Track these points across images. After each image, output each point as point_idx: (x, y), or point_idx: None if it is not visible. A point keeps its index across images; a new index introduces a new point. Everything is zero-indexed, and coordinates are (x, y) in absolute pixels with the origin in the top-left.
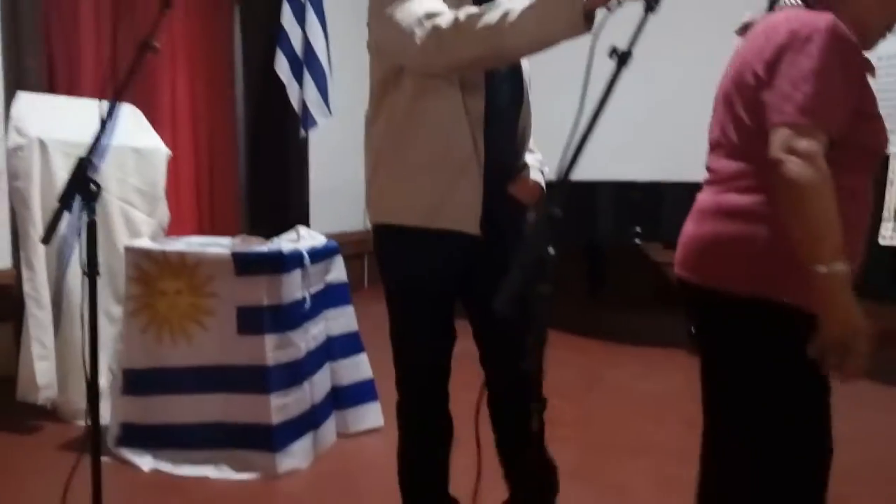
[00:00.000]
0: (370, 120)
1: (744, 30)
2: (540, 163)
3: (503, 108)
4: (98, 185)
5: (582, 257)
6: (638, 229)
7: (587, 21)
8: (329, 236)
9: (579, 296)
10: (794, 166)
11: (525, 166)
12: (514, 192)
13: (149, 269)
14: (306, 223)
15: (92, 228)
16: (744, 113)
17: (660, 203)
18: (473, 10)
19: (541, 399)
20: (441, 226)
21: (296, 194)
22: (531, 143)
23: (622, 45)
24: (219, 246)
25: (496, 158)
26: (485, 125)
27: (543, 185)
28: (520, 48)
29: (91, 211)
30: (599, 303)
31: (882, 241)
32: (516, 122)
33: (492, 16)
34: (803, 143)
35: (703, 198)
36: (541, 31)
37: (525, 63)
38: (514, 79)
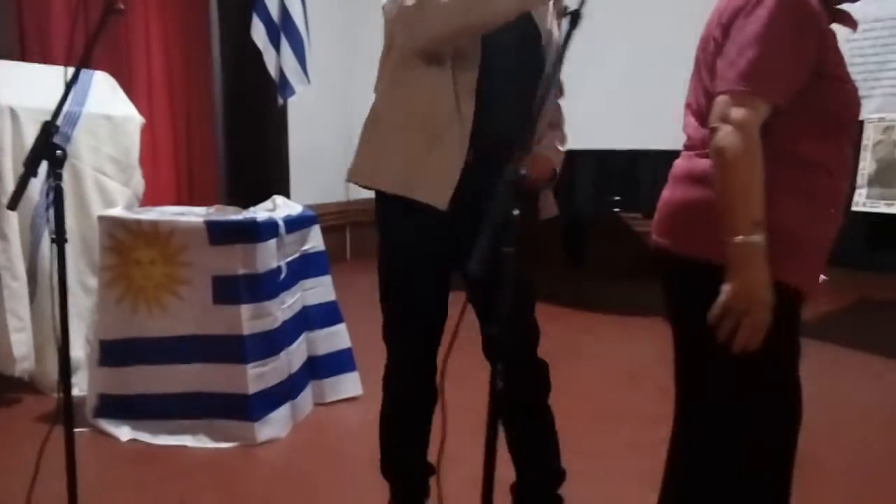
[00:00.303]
0: (375, 85)
1: None
2: (561, 140)
3: (508, 80)
4: (64, 151)
5: (561, 227)
6: (617, 198)
7: None
8: (310, 207)
9: (559, 265)
10: (722, 135)
11: (537, 144)
12: (526, 171)
13: (123, 238)
14: (286, 193)
15: (59, 194)
16: (707, 77)
17: (638, 172)
18: None
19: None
20: (410, 195)
21: (275, 164)
22: (559, 119)
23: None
24: (193, 215)
25: (493, 132)
26: (481, 97)
27: (557, 165)
28: (494, 16)
29: (57, 177)
30: (579, 272)
31: (855, 208)
32: (526, 95)
33: None
34: (737, 112)
35: (678, 163)
36: (494, 6)
37: (554, 31)
38: (528, 50)
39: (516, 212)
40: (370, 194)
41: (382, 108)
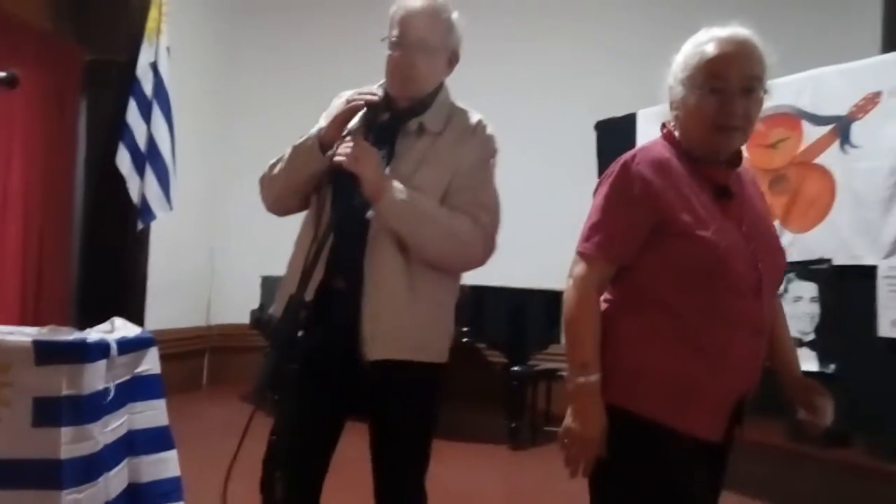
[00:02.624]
0: None
1: None
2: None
3: (354, 213)
4: None
5: None
6: (465, 329)
7: (324, 153)
8: (168, 332)
9: None
10: (566, 289)
11: None
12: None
13: None
14: (141, 317)
15: None
16: None
17: (483, 306)
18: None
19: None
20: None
21: (131, 287)
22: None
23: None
24: (22, 335)
25: (337, 255)
26: (336, 229)
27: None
28: (287, 183)
29: None
30: None
31: None
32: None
33: (273, 162)
34: (576, 269)
35: None
36: (293, 168)
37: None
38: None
39: (300, 333)
40: (232, 319)
41: None
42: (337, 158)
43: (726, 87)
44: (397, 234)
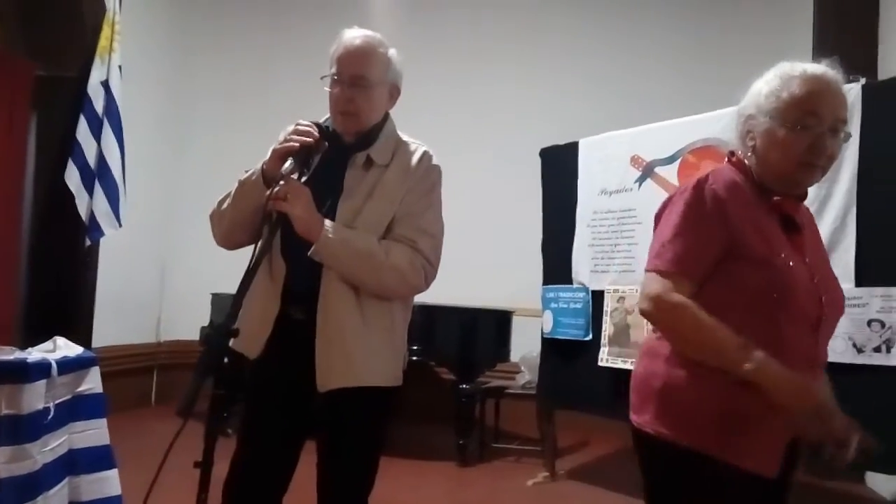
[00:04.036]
0: None
1: None
2: None
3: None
4: None
5: None
6: (415, 347)
7: (267, 184)
8: (117, 349)
9: None
10: (653, 309)
11: None
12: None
13: None
14: (88, 334)
15: None
16: None
17: (433, 325)
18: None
19: None
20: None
21: (78, 304)
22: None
23: None
24: None
25: (291, 287)
26: (287, 258)
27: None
28: (234, 218)
29: None
30: None
31: (600, 363)
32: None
33: (221, 198)
34: (653, 287)
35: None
36: (240, 202)
37: (363, 181)
38: (327, 208)
39: (226, 359)
40: (181, 335)
41: None
42: (269, 203)
43: (818, 126)
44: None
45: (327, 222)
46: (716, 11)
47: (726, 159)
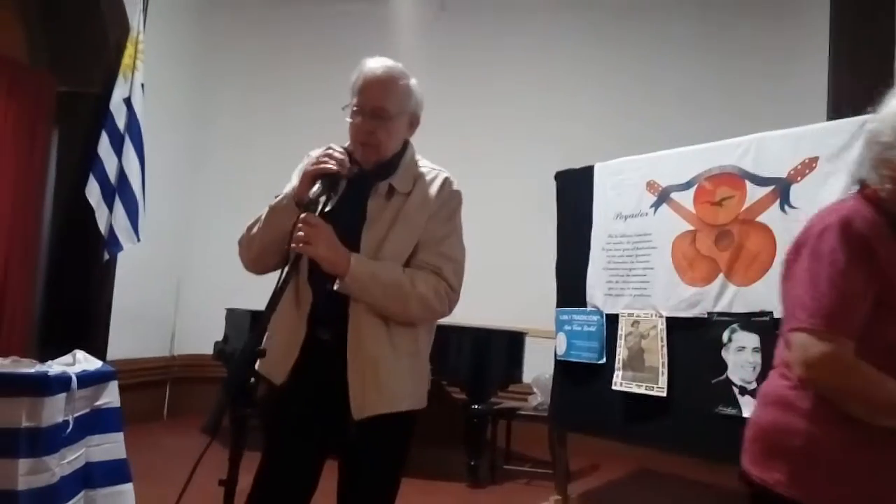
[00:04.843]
0: None
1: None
2: None
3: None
4: None
5: None
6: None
7: (300, 207)
8: (130, 362)
9: None
10: (815, 374)
11: None
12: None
13: None
14: (104, 347)
15: None
16: (782, 298)
17: (446, 344)
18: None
19: None
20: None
21: (94, 316)
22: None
23: None
24: None
25: (317, 313)
26: (313, 283)
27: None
28: (264, 242)
29: None
30: None
31: (614, 387)
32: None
33: (250, 224)
34: (813, 351)
35: (770, 381)
36: (270, 227)
37: (385, 211)
38: (349, 238)
39: (252, 379)
40: (195, 350)
41: None
42: (292, 245)
43: None
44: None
45: (353, 256)
46: (730, 40)
47: (856, 190)
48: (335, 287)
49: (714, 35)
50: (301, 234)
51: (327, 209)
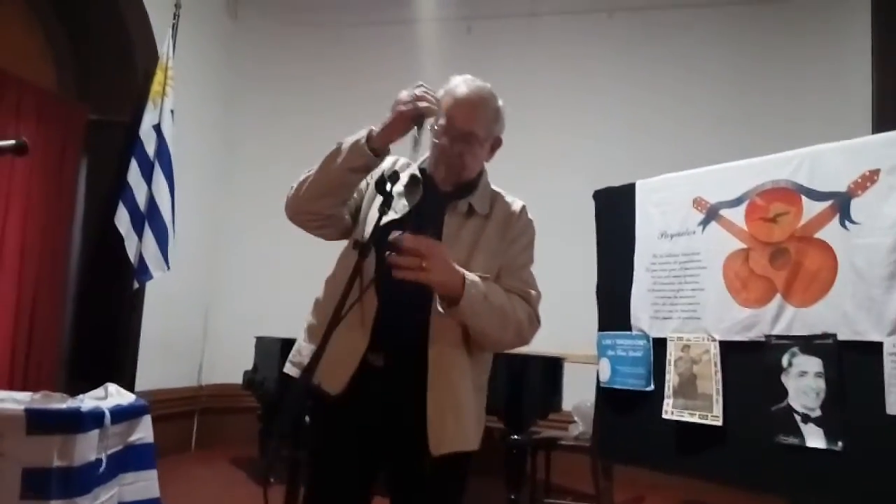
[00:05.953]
0: None
1: None
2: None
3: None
4: None
5: None
6: None
7: (376, 154)
8: (158, 392)
9: None
10: None
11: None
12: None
13: None
14: (132, 377)
15: None
16: None
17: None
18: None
19: None
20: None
21: (123, 347)
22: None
23: None
24: (14, 402)
25: (380, 328)
26: (380, 292)
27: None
28: (320, 181)
29: None
30: None
31: (665, 416)
32: (418, 304)
33: (303, 176)
34: None
35: None
36: (333, 164)
37: (463, 233)
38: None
39: (308, 419)
40: (223, 379)
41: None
42: (398, 273)
43: None
44: (464, 325)
45: (468, 277)
46: (762, 60)
47: None
48: (440, 310)
49: (748, 53)
50: (412, 260)
51: (401, 202)
